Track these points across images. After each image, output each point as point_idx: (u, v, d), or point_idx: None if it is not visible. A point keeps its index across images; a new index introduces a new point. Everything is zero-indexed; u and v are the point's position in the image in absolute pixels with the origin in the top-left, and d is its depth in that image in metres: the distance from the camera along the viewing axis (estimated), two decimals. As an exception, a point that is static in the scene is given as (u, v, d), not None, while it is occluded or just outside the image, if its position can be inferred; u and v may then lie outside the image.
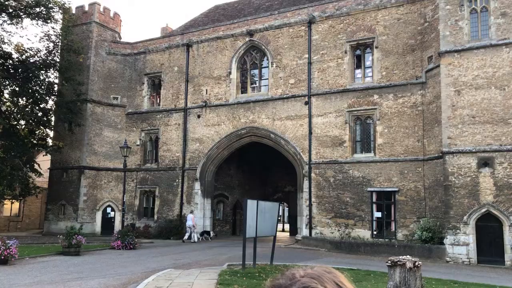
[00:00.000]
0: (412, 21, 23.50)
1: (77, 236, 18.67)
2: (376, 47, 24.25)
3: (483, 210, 18.66)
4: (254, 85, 28.83)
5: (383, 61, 24.07)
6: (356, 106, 24.51)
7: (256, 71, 28.87)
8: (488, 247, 18.58)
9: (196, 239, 26.07)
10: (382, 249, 20.39)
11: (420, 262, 9.69)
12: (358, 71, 25.44)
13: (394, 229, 22.96)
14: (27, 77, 27.44)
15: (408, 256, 10.02)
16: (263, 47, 27.76)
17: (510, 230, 18.05)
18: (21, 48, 28.07)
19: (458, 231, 18.99)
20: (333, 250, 22.00)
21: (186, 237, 26.07)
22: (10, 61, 27.10)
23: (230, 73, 28.61)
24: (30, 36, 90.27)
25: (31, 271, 14.10)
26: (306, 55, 26.11)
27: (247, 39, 28.26)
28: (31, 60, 27.86)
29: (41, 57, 28.45)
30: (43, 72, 28.38)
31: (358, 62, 25.45)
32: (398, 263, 9.51)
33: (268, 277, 12.46)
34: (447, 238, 19.25)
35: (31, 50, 28.27)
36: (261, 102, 27.40)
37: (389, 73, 23.87)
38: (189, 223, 26.36)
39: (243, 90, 28.81)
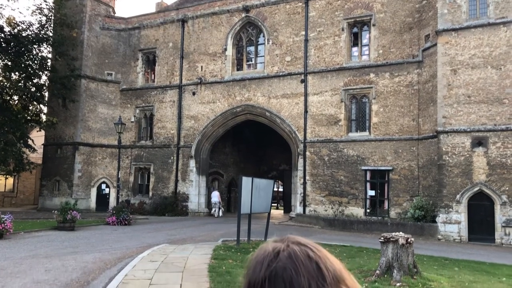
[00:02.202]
0: (410, -2, 23.26)
1: (72, 211, 18.70)
2: (374, 25, 24.03)
3: (476, 189, 18.85)
4: (250, 62, 28.60)
5: (380, 39, 23.89)
6: (352, 84, 24.42)
7: (252, 48, 28.60)
8: (479, 226, 18.83)
9: (221, 214, 28.10)
10: (375, 227, 20.63)
11: (412, 239, 9.82)
12: (354, 49, 25.26)
13: (387, 208, 23.19)
14: (20, 51, 27.02)
15: (400, 233, 10.15)
16: (259, 23, 27.43)
17: (501, 209, 18.28)
18: (13, 21, 27.55)
19: (450, 209, 19.20)
20: (327, 227, 22.22)
21: (214, 212, 28.24)
22: (2, 35, 26.62)
23: (225, 49, 28.32)
24: (22, 9, 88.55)
25: (26, 245, 14.15)
26: (303, 32, 25.85)
27: (243, 15, 27.90)
28: (23, 34, 27.39)
29: (34, 31, 27.98)
30: (35, 46, 27.94)
31: (355, 40, 25.26)
32: (391, 239, 9.63)
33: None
34: (439, 216, 19.48)
35: (23, 23, 27.77)
36: (257, 80, 27.23)
37: (385, 51, 23.72)
38: (214, 199, 28.54)
39: (239, 67, 28.57)
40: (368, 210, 23.62)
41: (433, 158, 20.97)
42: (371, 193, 23.82)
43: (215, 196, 28.72)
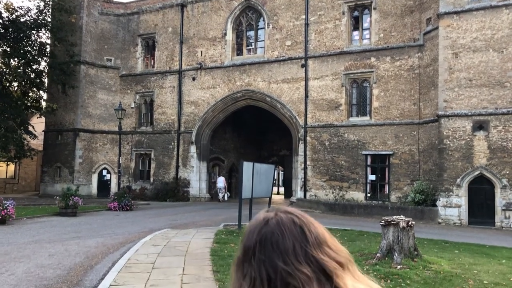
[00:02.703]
0: (411, -19, 22.99)
1: (74, 197, 18.78)
2: (374, 8, 23.81)
3: (476, 173, 18.88)
4: (250, 47, 28.41)
5: (381, 22, 23.70)
6: (353, 69, 24.30)
7: (252, 33, 28.39)
8: (480, 209, 18.91)
9: (226, 198, 29.13)
10: (376, 211, 20.72)
11: (413, 222, 9.87)
12: (355, 33, 25.07)
13: (387, 192, 23.27)
14: (18, 37, 26.84)
15: (401, 216, 10.20)
16: (259, 7, 27.18)
17: (501, 192, 18.34)
18: (11, 6, 27.32)
19: (451, 193, 19.27)
20: (327, 211, 22.33)
21: (220, 197, 29.20)
22: (0, 21, 26.41)
23: (225, 34, 28.12)
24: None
25: (29, 230, 14.25)
26: (303, 16, 25.63)
27: (243, -1, 27.63)
28: (22, 20, 27.17)
29: (32, 17, 27.76)
30: (34, 32, 27.75)
31: (356, 23, 25.05)
32: (392, 222, 9.68)
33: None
34: (439, 200, 19.56)
35: (21, 9, 27.55)
36: (257, 65, 27.09)
37: (386, 35, 23.55)
38: (219, 185, 29.65)
39: (239, 52, 28.40)
40: (368, 195, 23.70)
41: (433, 142, 20.97)
42: (372, 177, 23.87)
43: (221, 182, 29.80)
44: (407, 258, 9.31)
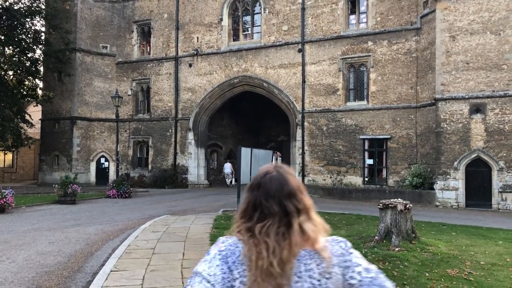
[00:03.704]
0: (408, -37, 22.78)
1: (73, 185, 18.83)
2: (371, -8, 23.61)
3: (473, 155, 18.97)
4: (247, 33, 28.22)
5: (378, 6, 23.55)
6: (350, 53, 24.21)
7: (248, 18, 28.17)
8: (477, 192, 19.04)
9: (234, 183, 29.84)
10: (373, 195, 20.84)
11: (410, 205, 9.95)
12: (352, 17, 24.91)
13: (385, 176, 23.37)
14: (12, 25, 26.56)
15: (399, 199, 10.27)
16: (255, -8, 26.93)
17: (498, 174, 18.45)
18: (4, -6, 26.98)
19: (448, 176, 19.37)
20: (326, 196, 22.45)
21: (228, 182, 30.68)
22: (-6, 8, 26.13)
23: (221, 19, 27.91)
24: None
25: (28, 218, 14.30)
26: (300, 0, 25.43)
27: (238, -16, 27.36)
28: (15, 7, 26.85)
29: (26, 4, 27.43)
30: (28, 19, 27.43)
31: (353, 7, 24.86)
32: (390, 205, 9.76)
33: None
34: (437, 183, 19.67)
35: (14, -4, 27.21)
36: (253, 50, 26.95)
37: (383, 18, 23.42)
38: (227, 170, 30.93)
39: (235, 37, 28.22)
40: (366, 179, 23.81)
41: (431, 126, 21.01)
42: (369, 162, 23.96)
43: (228, 168, 31.03)
44: (405, 240, 9.41)
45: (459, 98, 19.19)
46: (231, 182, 30.41)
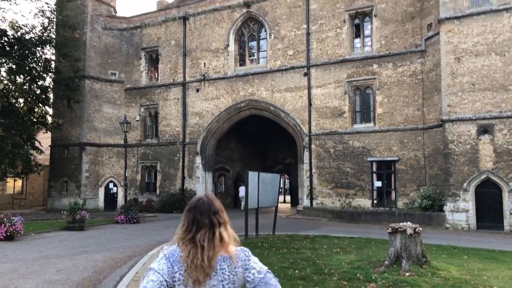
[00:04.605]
0: (411, -13, 23.11)
1: (81, 211, 18.86)
2: (375, 16, 23.94)
3: (483, 176, 18.80)
4: (253, 57, 28.59)
5: (382, 29, 23.81)
6: (355, 76, 24.38)
7: (254, 43, 28.59)
8: (487, 213, 18.80)
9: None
10: (383, 218, 20.64)
11: (420, 228, 9.84)
12: (357, 40, 25.17)
13: (394, 198, 23.19)
14: (24, 54, 27.15)
15: (408, 223, 10.17)
16: (261, 18, 27.40)
17: (509, 196, 18.23)
18: (16, 24, 27.67)
19: (457, 198, 19.18)
20: (334, 219, 22.26)
21: (242, 205, 29.46)
22: (6, 38, 26.73)
23: (228, 45, 28.33)
24: (25, 13, 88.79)
25: (37, 246, 14.31)
26: (305, 26, 25.80)
27: (244, 10, 27.87)
28: (27, 37, 27.49)
29: (37, 34, 28.08)
30: (39, 48, 28.05)
31: (357, 31, 25.16)
32: (399, 229, 9.66)
33: (270, 247, 12.68)
34: (446, 205, 19.47)
35: (26, 26, 27.87)
36: (260, 75, 27.24)
37: (388, 41, 23.64)
38: (242, 194, 30.17)
39: (242, 62, 28.59)
40: (375, 201, 23.63)
41: (439, 147, 20.93)
42: (378, 184, 23.81)
43: (242, 191, 30.33)
44: (415, 265, 9.27)
45: (466, 119, 19.15)
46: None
